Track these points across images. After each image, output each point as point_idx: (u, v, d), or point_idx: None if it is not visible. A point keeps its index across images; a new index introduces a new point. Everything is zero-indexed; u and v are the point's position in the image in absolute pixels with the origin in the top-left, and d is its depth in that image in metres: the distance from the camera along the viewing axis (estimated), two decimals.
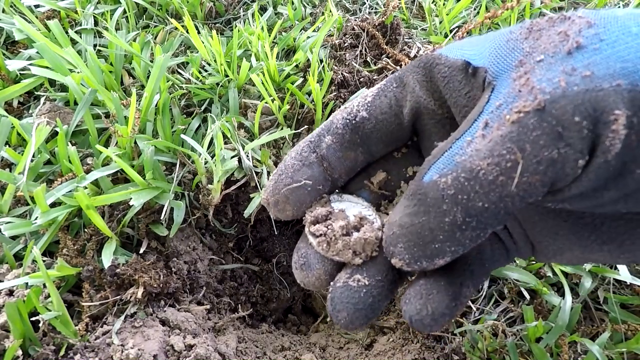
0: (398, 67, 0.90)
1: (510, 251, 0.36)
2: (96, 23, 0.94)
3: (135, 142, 0.73)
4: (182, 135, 0.74)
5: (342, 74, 0.87)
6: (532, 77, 0.25)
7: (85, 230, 0.68)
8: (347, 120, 0.37)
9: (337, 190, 0.40)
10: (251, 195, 0.75)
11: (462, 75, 0.31)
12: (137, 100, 0.73)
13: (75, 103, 0.79)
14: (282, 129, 0.82)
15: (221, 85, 0.85)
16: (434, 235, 0.28)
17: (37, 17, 0.91)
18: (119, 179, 0.73)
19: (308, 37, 0.94)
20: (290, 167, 0.36)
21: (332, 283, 0.35)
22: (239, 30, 0.91)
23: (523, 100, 0.24)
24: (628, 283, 0.67)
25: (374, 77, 0.88)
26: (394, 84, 0.37)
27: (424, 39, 0.99)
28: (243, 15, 1.04)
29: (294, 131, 0.81)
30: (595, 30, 0.24)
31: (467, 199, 0.26)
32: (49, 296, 0.59)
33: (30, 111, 0.81)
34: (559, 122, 0.23)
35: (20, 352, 0.55)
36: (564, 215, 0.32)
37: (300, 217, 0.38)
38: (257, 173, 0.76)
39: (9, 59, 0.87)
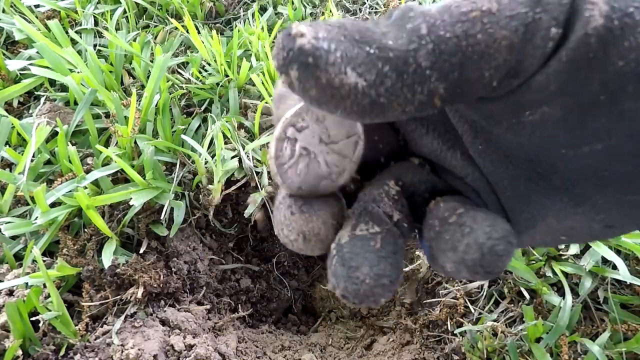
0: None
1: None
2: (96, 23, 0.94)
3: (135, 142, 0.73)
4: (182, 136, 0.74)
5: None
6: None
7: (85, 230, 0.68)
8: None
9: None
10: (251, 195, 0.75)
11: None
12: (137, 100, 0.73)
13: (75, 103, 0.79)
14: None
15: (221, 85, 0.85)
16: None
17: (37, 17, 0.91)
18: (119, 179, 0.73)
19: None
20: None
21: (333, 245, 0.27)
22: (239, 30, 0.91)
23: None
24: (628, 283, 0.67)
25: None
26: None
27: None
28: (243, 15, 1.04)
29: None
30: None
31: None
32: (49, 296, 0.59)
33: (30, 111, 0.81)
34: None
35: (20, 352, 0.55)
36: (535, 177, 0.29)
37: None
38: (257, 173, 0.76)
39: (9, 59, 0.87)
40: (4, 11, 0.92)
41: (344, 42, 0.21)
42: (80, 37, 0.90)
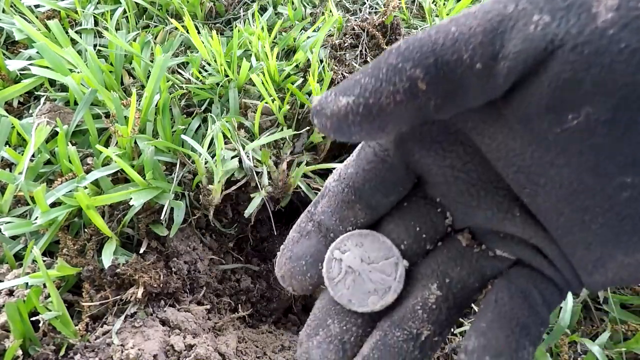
0: None
1: (560, 285, 0.32)
2: (96, 23, 0.94)
3: (135, 142, 0.73)
4: (182, 136, 0.74)
5: (342, 74, 0.87)
6: None
7: (85, 230, 0.68)
8: (337, 180, 0.35)
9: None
10: (251, 195, 0.75)
11: None
12: (137, 100, 0.73)
13: (76, 103, 0.79)
14: (282, 129, 0.82)
15: (221, 85, 0.85)
16: None
17: (37, 17, 0.91)
18: (119, 179, 0.73)
19: (308, 37, 0.94)
20: (291, 241, 0.35)
21: None
22: (239, 30, 0.91)
23: None
24: None
25: None
26: None
27: None
28: (243, 15, 1.04)
29: (294, 132, 0.81)
30: None
31: None
32: (49, 296, 0.59)
33: (30, 111, 0.81)
34: None
35: (20, 352, 0.55)
36: (589, 214, 0.27)
37: (311, 290, 0.36)
38: (257, 173, 0.76)
39: (9, 59, 0.87)
40: (4, 11, 0.92)
41: (337, 87, 0.27)
42: (80, 37, 0.90)
